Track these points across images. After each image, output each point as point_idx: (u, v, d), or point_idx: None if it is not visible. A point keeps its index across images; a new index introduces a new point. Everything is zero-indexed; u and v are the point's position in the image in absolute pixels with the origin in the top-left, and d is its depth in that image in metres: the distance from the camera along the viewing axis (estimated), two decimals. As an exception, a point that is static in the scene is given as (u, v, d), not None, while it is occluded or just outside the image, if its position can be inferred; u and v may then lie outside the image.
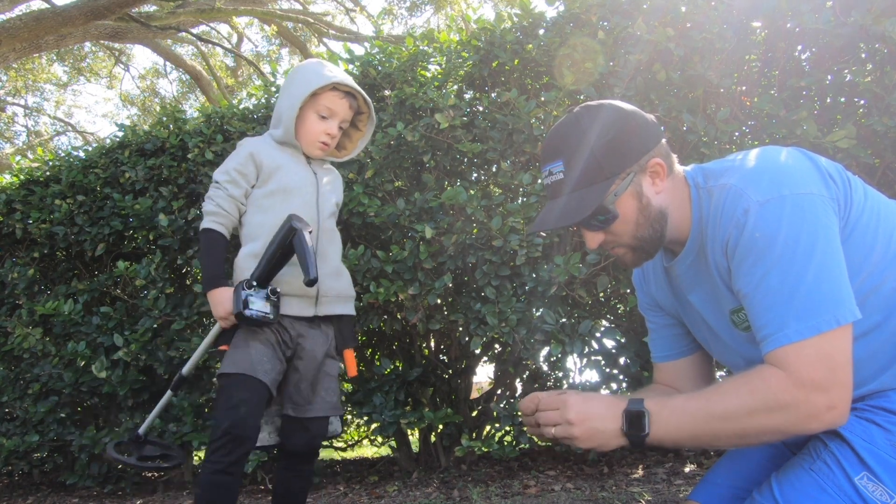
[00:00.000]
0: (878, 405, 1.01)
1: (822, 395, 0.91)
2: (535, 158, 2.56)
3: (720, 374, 1.96)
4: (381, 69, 2.81)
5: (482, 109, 2.63)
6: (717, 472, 1.24)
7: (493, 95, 2.57)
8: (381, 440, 3.28)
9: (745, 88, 2.34)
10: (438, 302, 2.59)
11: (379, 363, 2.84)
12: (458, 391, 2.93)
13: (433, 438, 2.97)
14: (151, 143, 3.13)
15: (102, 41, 10.82)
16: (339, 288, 1.82)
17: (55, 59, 13.49)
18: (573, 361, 2.66)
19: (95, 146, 3.38)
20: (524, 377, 2.89)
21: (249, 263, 1.69)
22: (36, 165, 3.45)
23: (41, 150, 3.72)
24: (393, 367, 2.83)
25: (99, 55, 14.29)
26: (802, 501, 0.97)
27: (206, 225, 1.73)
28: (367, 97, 1.88)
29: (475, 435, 2.85)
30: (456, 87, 2.79)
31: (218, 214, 1.74)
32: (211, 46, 12.95)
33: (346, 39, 11.30)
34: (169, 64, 13.87)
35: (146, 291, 2.97)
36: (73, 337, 3.01)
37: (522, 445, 2.47)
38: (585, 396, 1.04)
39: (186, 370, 1.89)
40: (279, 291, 1.67)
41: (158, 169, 3.06)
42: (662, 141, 1.12)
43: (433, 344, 3.00)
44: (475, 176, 2.84)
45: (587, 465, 2.74)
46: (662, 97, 2.31)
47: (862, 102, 2.20)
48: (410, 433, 3.09)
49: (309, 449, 1.79)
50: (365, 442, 3.54)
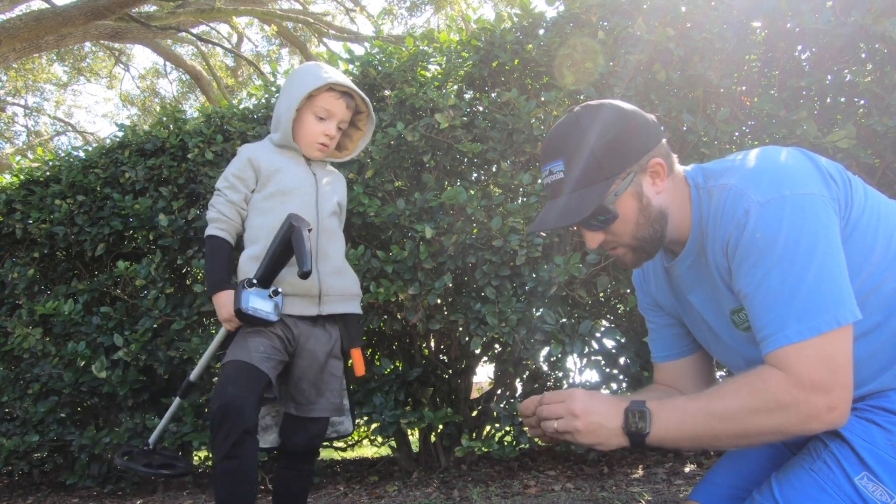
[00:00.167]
0: (878, 405, 1.01)
1: (822, 395, 0.91)
2: (535, 158, 2.56)
3: (720, 374, 1.96)
4: (381, 69, 2.81)
5: (482, 109, 2.63)
6: (717, 472, 1.24)
7: (493, 95, 2.57)
8: (381, 440, 3.28)
9: (745, 88, 2.34)
10: (438, 302, 2.59)
11: (379, 363, 2.84)
12: (458, 391, 2.93)
13: (433, 438, 2.97)
14: (151, 143, 3.13)
15: (102, 41, 10.82)
16: (341, 287, 1.82)
17: (55, 59, 13.49)
18: (573, 361, 2.66)
19: (95, 146, 3.38)
20: (524, 377, 2.89)
21: (251, 266, 1.70)
22: (36, 165, 3.45)
23: (41, 150, 3.72)
24: (393, 367, 2.83)
25: (99, 55, 14.29)
26: (802, 501, 0.97)
27: (208, 232, 1.77)
28: (364, 96, 1.89)
29: (475, 435, 2.85)
30: (456, 87, 2.79)
31: (220, 220, 1.77)
32: (211, 46, 12.95)
33: (346, 39, 11.30)
34: (169, 64, 13.87)
35: (146, 291, 2.97)
36: (73, 337, 3.01)
37: (522, 445, 2.47)
38: (590, 393, 1.05)
39: (194, 376, 1.90)
40: (281, 291, 1.68)
41: (158, 169, 3.06)
42: (663, 141, 1.12)
43: (433, 344, 3.00)
44: (475, 176, 2.84)
45: (587, 465, 2.74)
46: (662, 97, 2.31)
47: (862, 102, 2.20)
48: (410, 433, 3.09)
49: (309, 449, 1.80)
50: (365, 442, 3.54)
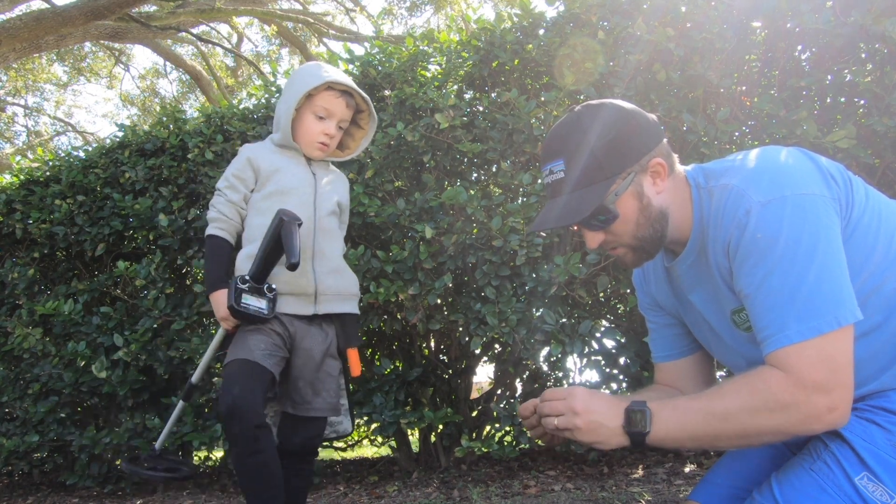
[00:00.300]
0: (878, 405, 1.02)
1: (823, 396, 0.91)
2: (535, 158, 2.56)
3: (721, 374, 1.96)
4: (381, 69, 2.81)
5: (482, 109, 2.63)
6: (717, 472, 1.24)
7: (493, 95, 2.57)
8: (381, 440, 3.28)
9: (745, 88, 2.34)
10: (438, 302, 2.59)
11: (379, 363, 2.84)
12: (458, 391, 2.93)
13: (433, 438, 2.97)
14: (151, 143, 3.13)
15: (102, 41, 10.81)
16: (339, 286, 1.81)
17: (55, 59, 13.49)
18: (573, 361, 2.66)
19: (95, 146, 3.38)
20: (524, 377, 2.89)
21: (247, 264, 1.71)
22: (36, 165, 3.45)
23: (41, 150, 3.72)
24: (393, 367, 2.83)
25: (99, 55, 14.29)
26: (802, 501, 0.97)
27: (209, 231, 1.78)
28: (364, 95, 1.88)
29: (475, 435, 2.85)
30: (456, 87, 2.79)
31: (219, 220, 1.78)
32: (211, 46, 12.95)
33: (346, 39, 11.29)
34: (169, 64, 13.87)
35: (146, 291, 2.97)
36: (73, 337, 3.01)
37: (522, 445, 2.47)
38: (591, 391, 1.05)
39: (196, 378, 1.89)
40: (276, 289, 1.68)
41: (158, 169, 3.06)
42: (663, 141, 1.12)
43: (433, 344, 3.00)
44: (475, 176, 2.84)
45: (587, 465, 2.74)
46: (662, 97, 2.31)
47: (862, 102, 2.20)
48: (410, 433, 3.09)
49: (307, 449, 1.79)
50: (365, 442, 3.54)
